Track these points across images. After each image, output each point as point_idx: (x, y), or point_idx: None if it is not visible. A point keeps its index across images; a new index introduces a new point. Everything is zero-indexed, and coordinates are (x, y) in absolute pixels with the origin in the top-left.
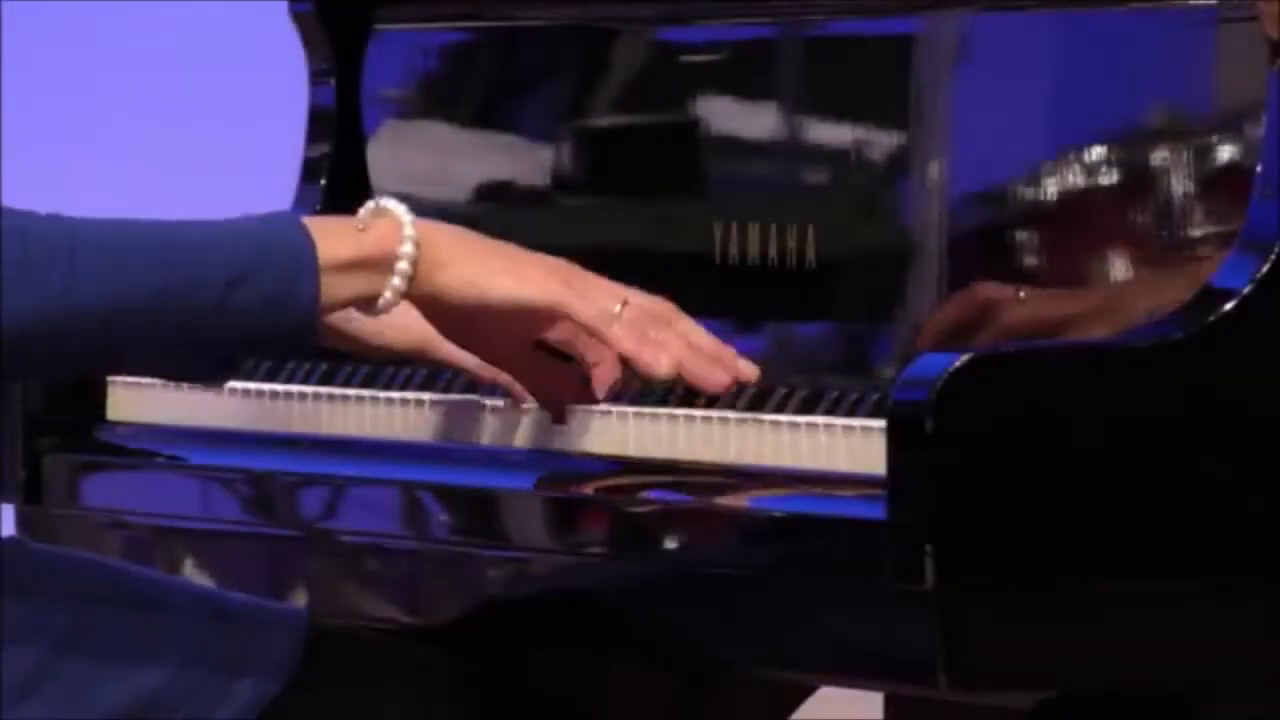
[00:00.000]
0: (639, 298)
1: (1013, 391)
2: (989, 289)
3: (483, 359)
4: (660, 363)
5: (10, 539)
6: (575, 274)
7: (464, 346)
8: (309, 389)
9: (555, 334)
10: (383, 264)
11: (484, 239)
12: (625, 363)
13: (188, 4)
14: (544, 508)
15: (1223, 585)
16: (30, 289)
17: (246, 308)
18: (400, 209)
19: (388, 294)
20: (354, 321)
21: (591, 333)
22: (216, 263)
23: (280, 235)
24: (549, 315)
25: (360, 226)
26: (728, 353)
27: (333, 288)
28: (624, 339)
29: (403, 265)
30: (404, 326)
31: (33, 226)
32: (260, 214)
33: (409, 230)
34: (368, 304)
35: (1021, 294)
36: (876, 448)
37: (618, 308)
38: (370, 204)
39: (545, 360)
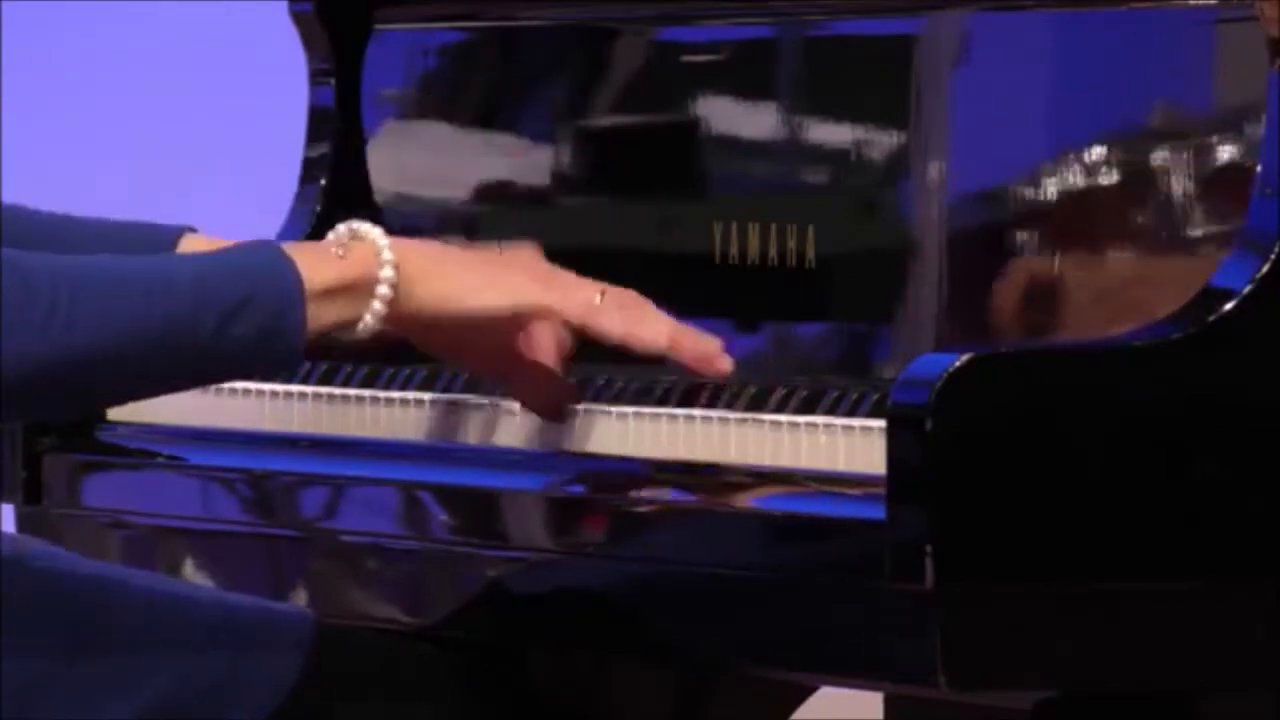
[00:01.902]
0: (615, 289)
1: (1013, 391)
2: (982, 292)
3: (471, 370)
4: (660, 333)
5: (10, 551)
6: (550, 273)
7: (451, 361)
8: (309, 389)
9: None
10: (363, 288)
11: (459, 252)
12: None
13: (188, 4)
14: (544, 508)
15: (1223, 585)
16: (31, 332)
17: (238, 342)
18: (376, 231)
19: (369, 318)
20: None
21: (580, 328)
22: (208, 301)
23: (266, 268)
24: (534, 318)
25: (339, 252)
26: (704, 343)
27: (317, 315)
28: (614, 327)
29: (383, 289)
30: None
31: (31, 268)
32: (243, 244)
33: (387, 254)
34: (349, 327)
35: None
36: (876, 448)
37: (598, 298)
38: (343, 227)
39: (531, 365)
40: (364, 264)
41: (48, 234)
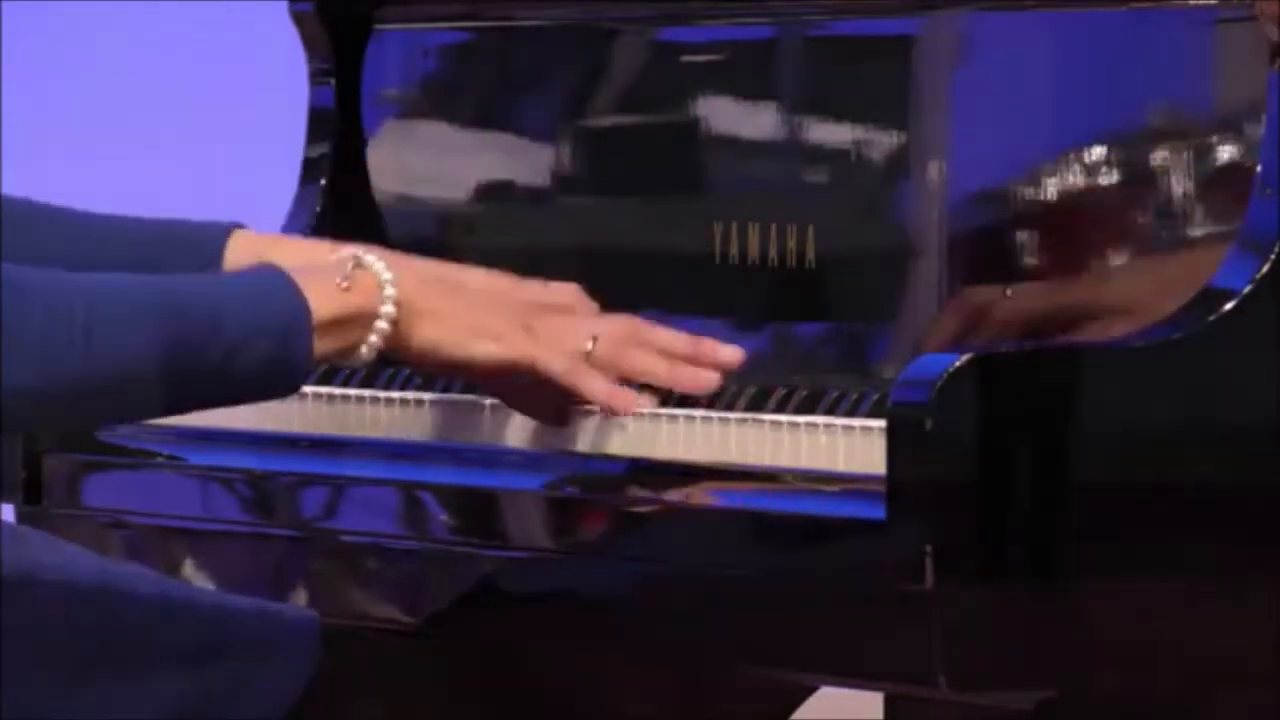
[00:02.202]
0: (606, 325)
1: (1012, 391)
2: (981, 293)
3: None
4: (636, 404)
5: (12, 552)
6: (543, 318)
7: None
8: (309, 389)
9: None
10: (364, 321)
11: (457, 283)
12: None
13: (188, 4)
14: (544, 508)
15: (1223, 585)
16: (48, 359)
17: (244, 372)
18: (380, 265)
19: (364, 350)
20: None
21: (566, 388)
22: (218, 332)
23: (277, 301)
24: (519, 372)
25: (343, 284)
26: (706, 346)
27: (319, 345)
28: (597, 392)
29: (382, 324)
30: None
31: (48, 289)
32: (254, 271)
33: (389, 290)
34: (347, 355)
35: (1009, 292)
36: (876, 448)
37: (589, 344)
38: (347, 253)
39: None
40: (366, 296)
41: (83, 236)
